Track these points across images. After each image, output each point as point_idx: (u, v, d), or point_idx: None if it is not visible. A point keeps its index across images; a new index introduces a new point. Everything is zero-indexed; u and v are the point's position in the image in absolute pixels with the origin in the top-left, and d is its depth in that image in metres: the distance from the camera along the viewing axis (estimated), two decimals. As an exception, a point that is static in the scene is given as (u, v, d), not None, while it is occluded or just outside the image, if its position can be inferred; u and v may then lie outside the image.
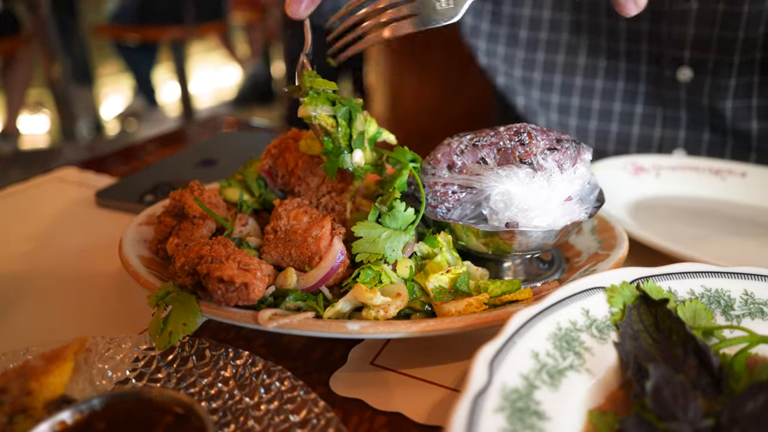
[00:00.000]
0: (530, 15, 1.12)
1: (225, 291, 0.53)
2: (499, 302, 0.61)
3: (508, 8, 1.13)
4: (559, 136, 0.65)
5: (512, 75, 1.19)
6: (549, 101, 1.18)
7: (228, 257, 0.57)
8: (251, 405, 0.51)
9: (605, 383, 0.48)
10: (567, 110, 1.18)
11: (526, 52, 1.16)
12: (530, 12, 1.12)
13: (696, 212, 0.95)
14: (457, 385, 0.57)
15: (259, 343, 0.63)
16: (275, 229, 0.64)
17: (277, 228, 0.64)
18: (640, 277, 0.55)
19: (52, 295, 0.73)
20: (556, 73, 1.16)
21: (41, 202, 1.01)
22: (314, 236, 0.62)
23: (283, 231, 0.64)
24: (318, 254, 0.61)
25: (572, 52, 1.13)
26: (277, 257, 0.63)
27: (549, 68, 1.16)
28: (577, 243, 0.76)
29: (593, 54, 1.12)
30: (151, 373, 0.55)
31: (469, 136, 0.67)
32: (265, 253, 0.63)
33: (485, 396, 0.42)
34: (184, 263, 0.57)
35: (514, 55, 1.18)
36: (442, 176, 0.65)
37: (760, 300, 0.55)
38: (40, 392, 0.46)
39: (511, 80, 1.21)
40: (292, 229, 0.64)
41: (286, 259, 0.63)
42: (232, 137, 1.34)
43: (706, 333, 0.52)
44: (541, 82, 1.18)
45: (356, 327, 0.54)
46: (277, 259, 0.63)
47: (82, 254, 0.83)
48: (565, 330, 0.50)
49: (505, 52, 1.18)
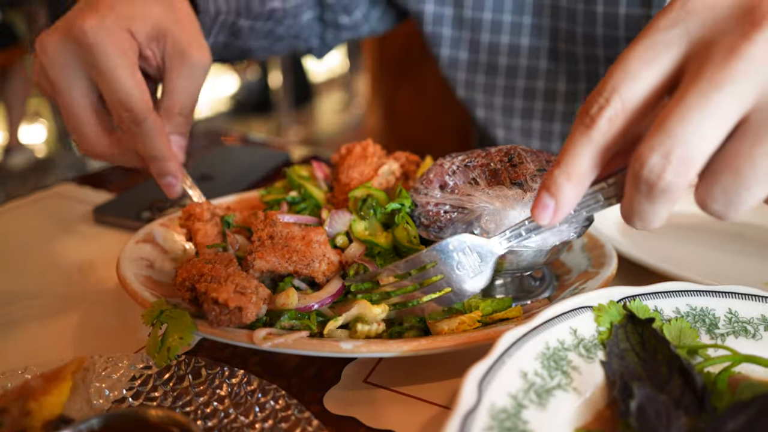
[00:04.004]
0: (509, 42, 1.13)
1: (218, 313, 0.54)
2: (490, 320, 0.62)
3: (486, 36, 1.14)
4: (549, 158, 0.67)
5: (492, 105, 1.20)
6: (530, 128, 1.20)
7: (227, 278, 0.58)
8: (246, 424, 0.52)
9: (592, 402, 0.49)
10: (549, 137, 1.20)
11: (506, 80, 1.17)
12: (509, 39, 1.13)
13: (685, 228, 0.97)
14: (448, 403, 0.58)
15: (254, 361, 0.64)
16: (271, 235, 0.64)
17: (274, 234, 0.64)
18: (627, 296, 0.56)
19: (49, 313, 0.74)
20: (536, 99, 1.17)
21: (39, 218, 1.02)
22: (318, 240, 0.63)
23: (281, 237, 0.64)
24: (324, 257, 0.63)
25: (552, 79, 1.15)
26: (274, 263, 0.63)
27: (529, 95, 1.17)
28: (567, 260, 0.78)
29: (572, 80, 1.14)
30: (148, 391, 0.56)
31: (461, 157, 0.68)
32: (260, 259, 0.63)
33: (474, 415, 0.43)
34: (185, 279, 0.59)
35: (494, 83, 1.19)
36: (434, 196, 0.67)
37: (743, 318, 0.56)
38: (39, 412, 0.47)
39: (491, 112, 1.21)
40: (290, 235, 0.64)
41: (284, 264, 0.63)
42: (230, 152, 1.35)
43: (690, 352, 0.53)
44: (522, 110, 1.19)
45: (350, 346, 0.55)
46: (274, 264, 0.63)
47: (80, 272, 0.84)
48: (554, 349, 0.51)
49: (485, 81, 1.19)
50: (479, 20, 1.14)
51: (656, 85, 0.44)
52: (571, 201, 0.47)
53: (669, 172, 0.41)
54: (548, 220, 0.48)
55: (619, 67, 0.45)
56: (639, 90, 0.44)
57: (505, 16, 1.12)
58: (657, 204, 0.44)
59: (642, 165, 0.42)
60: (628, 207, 0.46)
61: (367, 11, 1.22)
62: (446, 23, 1.17)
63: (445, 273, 0.58)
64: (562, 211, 0.47)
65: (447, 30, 1.17)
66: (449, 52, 1.19)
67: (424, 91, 2.40)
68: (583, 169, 0.46)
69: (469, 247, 0.57)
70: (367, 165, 0.77)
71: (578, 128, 0.46)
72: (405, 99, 2.49)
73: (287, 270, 0.63)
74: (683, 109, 0.41)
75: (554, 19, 1.08)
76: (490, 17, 1.13)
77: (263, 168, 1.23)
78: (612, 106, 0.44)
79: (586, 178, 0.47)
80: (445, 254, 0.57)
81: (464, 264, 0.57)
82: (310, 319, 0.60)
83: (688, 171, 0.42)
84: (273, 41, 1.14)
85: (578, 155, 0.46)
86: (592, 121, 0.45)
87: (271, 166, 1.24)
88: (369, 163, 0.78)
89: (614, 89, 0.44)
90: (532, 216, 0.48)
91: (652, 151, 0.42)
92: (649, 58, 0.44)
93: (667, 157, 0.41)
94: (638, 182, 0.43)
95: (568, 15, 1.06)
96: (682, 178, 0.42)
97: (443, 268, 0.57)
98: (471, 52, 1.17)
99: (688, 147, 0.41)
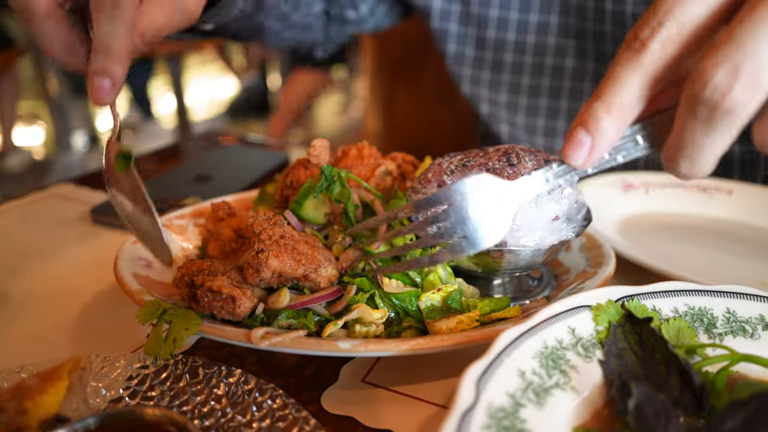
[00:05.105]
0: (515, 39, 1.14)
1: (211, 299, 0.55)
2: (488, 320, 0.62)
3: (492, 32, 1.15)
4: (547, 157, 0.66)
5: (497, 101, 1.20)
6: (534, 125, 1.20)
7: (224, 273, 0.58)
8: (243, 423, 0.52)
9: (590, 401, 0.49)
10: (553, 133, 1.20)
11: (511, 76, 1.18)
12: (515, 36, 1.14)
13: (684, 229, 0.97)
14: (446, 403, 0.58)
15: (251, 361, 0.64)
16: (282, 235, 0.61)
17: (284, 234, 0.61)
18: (626, 295, 0.56)
19: (46, 312, 0.74)
20: (540, 96, 1.17)
21: (37, 218, 1.01)
22: (320, 246, 0.63)
23: (290, 238, 0.61)
24: (330, 262, 0.63)
25: (557, 76, 1.15)
26: (287, 264, 0.59)
27: (534, 92, 1.18)
28: (565, 260, 0.78)
29: (578, 77, 1.14)
30: (145, 391, 0.56)
31: (458, 157, 0.68)
32: (275, 257, 0.59)
33: (472, 414, 0.43)
34: (184, 274, 0.60)
35: (499, 80, 1.19)
36: (433, 195, 0.67)
37: (741, 318, 0.56)
38: (35, 411, 0.46)
39: (496, 108, 1.21)
40: (293, 238, 0.62)
41: (295, 267, 0.60)
42: (228, 152, 1.35)
43: (689, 351, 0.53)
44: (527, 107, 1.19)
45: (348, 345, 0.55)
46: (286, 266, 0.59)
47: (78, 271, 0.83)
48: (552, 348, 0.51)
49: (490, 77, 1.19)
50: (486, 17, 1.14)
51: (716, 8, 0.39)
52: (610, 138, 0.42)
53: (737, 89, 0.36)
54: (582, 160, 0.43)
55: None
56: (697, 12, 0.39)
57: (512, 14, 1.13)
58: (716, 132, 0.38)
59: (705, 83, 0.37)
60: (677, 142, 0.41)
61: (374, 6, 1.22)
62: (453, 19, 1.17)
63: (459, 218, 0.51)
64: (599, 150, 0.43)
65: (454, 26, 1.18)
66: (455, 48, 1.19)
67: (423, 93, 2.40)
68: (628, 101, 0.41)
69: (489, 189, 0.50)
70: (364, 166, 0.77)
71: (625, 54, 0.41)
72: (403, 101, 2.49)
73: (296, 274, 0.60)
74: (754, 23, 0.36)
75: (563, 16, 1.09)
76: (496, 14, 1.13)
77: (261, 168, 1.23)
78: (666, 29, 0.39)
79: (629, 112, 0.42)
80: (462, 195, 0.50)
81: (482, 208, 0.50)
82: (307, 318, 0.60)
83: (758, 91, 0.36)
84: (285, 26, 1.12)
85: (624, 84, 0.41)
86: (642, 45, 0.40)
87: (270, 167, 1.24)
88: (365, 164, 0.77)
89: (669, 11, 0.39)
90: (564, 156, 0.44)
91: (717, 67, 0.36)
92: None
93: (736, 73, 0.36)
94: (697, 105, 0.38)
95: (578, 12, 1.06)
96: (751, 98, 0.36)
97: (458, 211, 0.51)
98: (477, 48, 1.18)
99: (761, 63, 0.36)
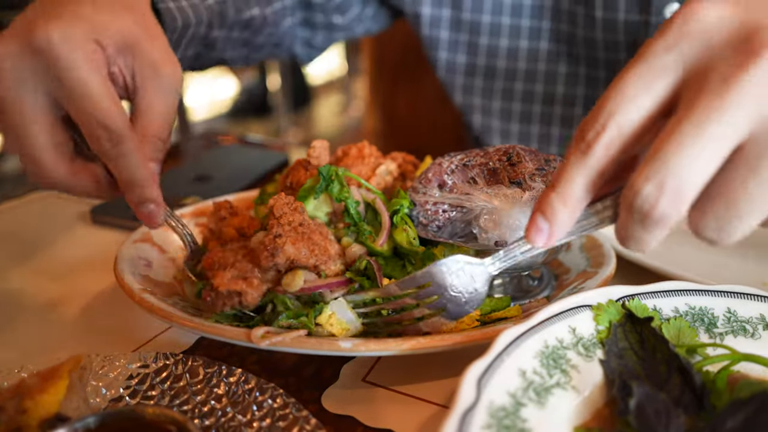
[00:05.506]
0: (508, 45, 1.13)
1: (215, 298, 0.56)
2: (489, 319, 0.62)
3: (485, 39, 1.14)
4: (548, 157, 0.67)
5: (490, 110, 1.20)
6: (529, 132, 1.20)
7: (233, 264, 0.58)
8: (244, 422, 0.52)
9: (591, 400, 0.49)
10: (547, 140, 1.19)
11: (504, 83, 1.17)
12: (508, 42, 1.13)
13: (685, 228, 0.96)
14: (447, 402, 0.58)
15: (252, 360, 0.64)
16: (301, 222, 0.60)
17: (303, 222, 0.61)
18: (626, 295, 0.56)
19: (46, 312, 0.74)
20: (534, 103, 1.17)
21: (36, 218, 1.01)
22: (332, 239, 0.63)
23: (307, 226, 0.61)
24: (340, 256, 0.63)
25: (550, 82, 1.15)
26: (301, 253, 0.59)
27: (527, 98, 1.17)
28: (566, 260, 0.78)
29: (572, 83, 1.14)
30: (145, 390, 0.56)
31: (459, 156, 0.68)
32: (292, 244, 0.58)
33: (473, 414, 0.43)
34: (207, 268, 0.61)
35: (492, 87, 1.18)
36: (433, 195, 0.67)
37: (742, 318, 0.56)
38: (35, 411, 0.46)
39: (489, 117, 1.21)
40: (310, 227, 0.62)
41: (307, 256, 0.59)
42: (228, 153, 1.35)
43: (689, 351, 0.53)
44: (520, 113, 1.19)
45: (348, 345, 0.55)
46: (300, 254, 0.59)
47: (77, 271, 0.83)
48: (552, 348, 0.51)
49: (483, 84, 1.18)
50: (477, 23, 1.13)
51: (652, 111, 0.44)
52: (565, 224, 0.48)
53: (663, 202, 0.41)
54: (543, 242, 0.48)
55: (615, 92, 0.44)
56: (635, 116, 0.44)
57: (503, 19, 1.12)
58: (651, 232, 0.44)
59: (636, 194, 0.42)
60: (622, 232, 0.46)
61: (361, 10, 1.22)
62: (444, 26, 1.16)
63: (440, 293, 0.57)
64: (557, 234, 0.48)
65: (445, 33, 1.17)
66: (447, 55, 1.18)
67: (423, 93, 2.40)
68: (579, 195, 0.46)
69: (463, 267, 0.57)
70: (365, 165, 0.77)
71: (574, 154, 0.46)
72: (404, 101, 2.49)
73: (308, 263, 0.60)
74: (678, 139, 0.41)
75: (555, 22, 1.08)
76: (488, 20, 1.12)
77: (261, 168, 1.23)
78: (608, 133, 0.44)
79: (580, 203, 0.47)
80: (440, 275, 0.57)
81: (458, 285, 0.57)
82: (308, 317, 0.60)
83: (681, 202, 0.42)
84: (251, 50, 1.10)
85: (574, 181, 0.46)
86: (588, 147, 0.45)
87: (270, 167, 1.24)
88: (366, 164, 0.77)
89: (610, 115, 0.44)
90: (527, 239, 0.49)
91: (647, 181, 0.42)
92: (645, 84, 0.44)
93: (661, 187, 0.41)
94: (632, 210, 0.43)
95: (569, 18, 1.06)
96: (675, 208, 0.42)
97: (438, 289, 0.57)
98: (469, 54, 1.17)
99: (682, 178, 0.41)
